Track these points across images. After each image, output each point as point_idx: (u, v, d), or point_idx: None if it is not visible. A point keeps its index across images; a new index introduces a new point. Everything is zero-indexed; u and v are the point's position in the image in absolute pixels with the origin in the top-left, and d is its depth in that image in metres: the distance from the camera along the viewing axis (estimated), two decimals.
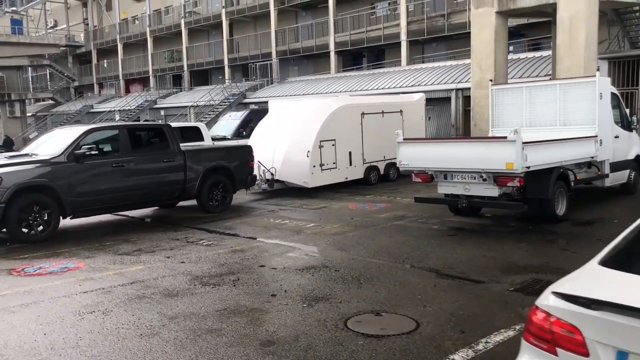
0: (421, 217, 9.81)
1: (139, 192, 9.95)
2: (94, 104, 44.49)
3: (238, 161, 11.63)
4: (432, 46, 29.14)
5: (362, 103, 14.53)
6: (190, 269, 6.81)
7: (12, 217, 8.46)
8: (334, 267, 6.73)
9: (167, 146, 10.53)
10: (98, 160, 9.42)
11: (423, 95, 16.47)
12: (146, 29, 43.23)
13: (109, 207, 9.77)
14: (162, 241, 8.60)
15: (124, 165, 9.74)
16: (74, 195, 9.06)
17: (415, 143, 9.22)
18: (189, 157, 10.68)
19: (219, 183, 11.20)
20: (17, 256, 7.79)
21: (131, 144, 10.06)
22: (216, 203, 11.18)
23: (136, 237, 8.99)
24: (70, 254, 7.83)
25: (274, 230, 9.19)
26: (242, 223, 10.03)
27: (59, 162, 8.99)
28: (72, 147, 9.18)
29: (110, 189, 9.53)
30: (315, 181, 13.03)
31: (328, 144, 13.23)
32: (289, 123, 13.64)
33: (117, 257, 7.60)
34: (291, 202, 12.29)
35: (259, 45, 34.86)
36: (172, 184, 10.45)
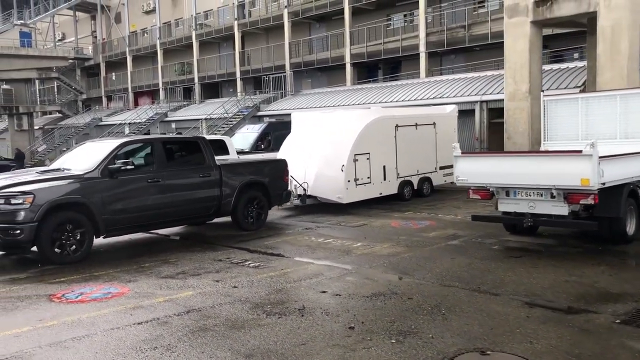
0: (475, 237, 9.22)
1: (174, 209, 9.39)
2: (103, 116, 44.14)
3: (273, 176, 11.08)
4: (451, 58, 28.74)
5: (396, 115, 14.01)
6: (247, 295, 6.22)
7: (45, 237, 7.89)
8: (405, 293, 6.14)
9: (203, 160, 9.99)
10: (133, 176, 8.88)
11: (455, 107, 15.96)
12: (156, 41, 43.00)
13: (143, 225, 9.20)
14: (204, 262, 8.01)
15: (159, 180, 9.19)
16: (108, 213, 8.50)
17: (476, 157, 8.67)
18: (225, 171, 10.13)
19: (254, 199, 10.64)
20: (53, 279, 7.20)
21: (166, 158, 9.53)
22: (251, 220, 10.61)
23: (174, 257, 8.41)
24: (110, 277, 7.24)
25: (320, 251, 8.60)
26: (283, 242, 9.44)
27: (92, 178, 8.43)
28: (106, 162, 8.64)
29: (145, 206, 8.97)
30: (350, 197, 12.46)
31: (362, 157, 12.67)
32: (320, 136, 13.11)
33: (161, 280, 7.02)
34: (326, 218, 11.71)
35: (272, 58, 34.50)
36: (207, 200, 9.89)
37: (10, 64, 43.63)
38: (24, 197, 7.75)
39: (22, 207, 7.73)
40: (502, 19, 24.45)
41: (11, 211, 7.73)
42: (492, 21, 24.53)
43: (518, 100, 15.62)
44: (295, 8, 32.78)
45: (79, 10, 51.25)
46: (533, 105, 15.62)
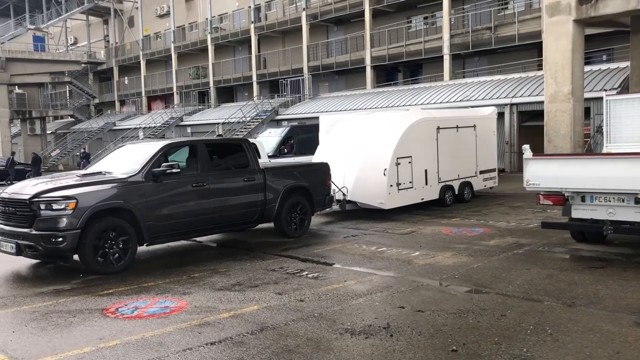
0: (540, 245, 8.62)
1: (218, 215, 8.85)
2: (116, 121, 43.80)
3: (316, 180, 10.54)
4: (474, 60, 28.21)
5: (437, 116, 13.45)
6: (319, 311, 5.66)
7: (88, 245, 7.36)
8: (494, 309, 5.57)
9: (247, 163, 9.46)
10: (177, 180, 8.35)
11: (495, 109, 15.37)
12: (170, 45, 42.70)
13: (187, 232, 8.65)
14: (257, 272, 7.46)
15: (204, 184, 8.66)
16: (152, 219, 7.97)
17: (550, 159, 8.10)
18: (269, 175, 9.59)
19: (297, 204, 10.09)
20: (100, 291, 6.67)
21: (210, 161, 9.00)
22: (294, 226, 10.07)
23: (223, 267, 7.87)
24: (161, 289, 6.71)
25: (377, 260, 8.03)
26: (333, 250, 8.89)
27: (136, 182, 7.91)
28: (150, 165, 8.12)
29: (190, 211, 8.43)
30: (392, 202, 11.89)
31: (405, 161, 12.12)
32: (359, 138, 12.55)
33: (218, 293, 6.47)
34: (370, 225, 11.15)
35: (290, 61, 34.06)
36: (252, 206, 9.34)
37: (23, 68, 43.44)
38: (67, 203, 7.24)
39: (64, 213, 7.22)
40: (530, 20, 24.06)
41: (53, 217, 7.23)
42: (520, 22, 24.01)
43: (559, 101, 15.03)
44: (314, 11, 32.36)
45: (92, 14, 51.12)
46: (575, 107, 15.06)
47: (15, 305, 6.14)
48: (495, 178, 15.13)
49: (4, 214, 7.66)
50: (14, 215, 7.47)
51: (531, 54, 25.52)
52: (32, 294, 6.63)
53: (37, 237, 7.20)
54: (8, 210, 7.55)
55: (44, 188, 7.48)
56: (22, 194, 7.49)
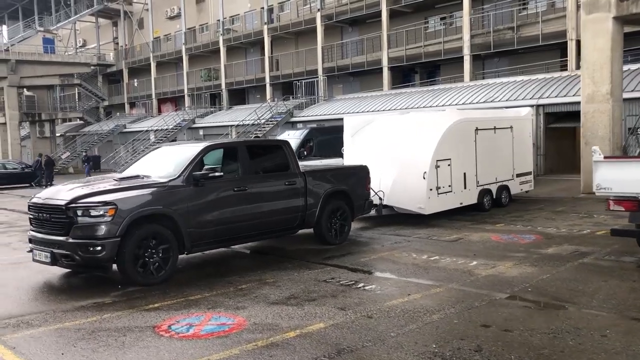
0: (606, 254, 8.05)
1: (260, 221, 8.33)
2: (127, 123, 43.41)
3: (356, 184, 10.01)
4: (494, 61, 27.64)
5: (476, 117, 12.93)
6: (395, 330, 5.10)
7: (128, 254, 6.86)
8: (591, 329, 5.01)
9: (287, 166, 8.95)
10: (219, 184, 7.85)
11: (530, 109, 14.85)
12: (181, 47, 42.27)
13: (228, 239, 8.13)
14: (308, 283, 6.94)
15: (246, 189, 8.14)
16: (193, 226, 7.46)
17: (624, 162, 7.54)
18: (310, 179, 9.07)
19: (337, 209, 9.57)
20: (145, 305, 6.15)
21: (251, 164, 8.50)
22: (334, 233, 9.54)
23: (270, 277, 7.34)
24: (210, 303, 6.18)
25: (434, 271, 7.49)
26: (381, 259, 8.35)
27: (177, 186, 7.41)
28: (190, 168, 7.61)
29: (232, 217, 7.92)
30: (431, 207, 11.35)
31: (444, 163, 11.58)
32: (394, 140, 12.02)
33: (275, 307, 5.94)
34: (411, 231, 10.61)
35: (304, 63, 33.56)
36: (293, 211, 8.82)
37: (33, 70, 43.15)
38: (106, 209, 6.73)
39: (103, 220, 6.71)
40: (553, 20, 23.50)
41: (90, 224, 6.72)
42: (543, 22, 23.44)
43: (598, 102, 14.47)
44: (329, 11, 31.88)
45: (101, 16, 50.81)
46: (614, 108, 14.50)
47: (57, 322, 5.62)
48: (531, 181, 14.58)
49: (38, 220, 7.17)
50: (49, 222, 6.98)
51: (554, 55, 24.96)
52: (72, 308, 6.11)
53: (74, 246, 6.70)
54: (42, 217, 7.05)
55: (80, 193, 6.98)
56: (57, 199, 6.99)
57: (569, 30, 22.40)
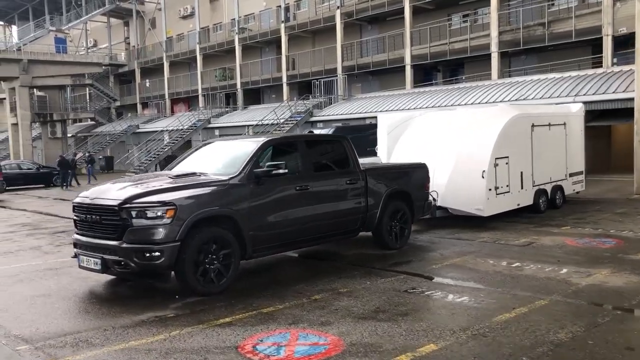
0: None
1: (321, 224, 7.58)
2: (140, 124, 42.76)
3: (416, 183, 9.26)
4: (521, 59, 26.82)
5: (532, 113, 12.15)
6: (528, 353, 4.36)
7: (188, 260, 6.12)
8: None
9: (347, 164, 8.19)
10: (280, 182, 7.11)
11: (582, 105, 14.05)
12: (194, 46, 41.59)
13: (290, 243, 7.37)
14: (388, 294, 6.17)
15: (308, 188, 7.40)
16: (254, 229, 6.71)
17: None
18: (370, 178, 8.32)
19: (398, 211, 8.80)
20: (214, 319, 5.38)
21: (312, 161, 7.76)
22: (394, 236, 8.77)
23: (341, 285, 6.58)
24: (288, 317, 5.41)
25: (523, 280, 6.68)
26: (454, 266, 7.57)
27: (238, 185, 6.67)
28: (251, 164, 6.88)
29: (294, 219, 7.18)
30: (490, 208, 10.57)
31: (502, 162, 10.80)
32: (446, 137, 11.26)
33: (365, 324, 5.16)
34: (471, 234, 9.82)
35: (323, 61, 32.80)
36: (354, 213, 8.06)
37: (45, 70, 42.59)
38: (164, 209, 5.99)
39: (161, 222, 5.97)
40: (587, 15, 22.64)
41: (147, 227, 5.98)
42: (577, 17, 22.62)
43: None
44: (349, 9, 31.11)
45: (113, 16, 50.26)
46: None
47: (121, 340, 4.87)
48: (583, 182, 13.77)
49: (86, 223, 6.43)
50: (99, 224, 6.24)
51: (584, 52, 24.14)
52: (132, 323, 5.37)
53: (129, 252, 5.96)
54: (91, 219, 6.31)
55: (134, 192, 6.23)
56: (108, 198, 6.25)
57: (605, 26, 21.56)
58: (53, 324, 5.36)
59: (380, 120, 14.28)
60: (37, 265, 8.31)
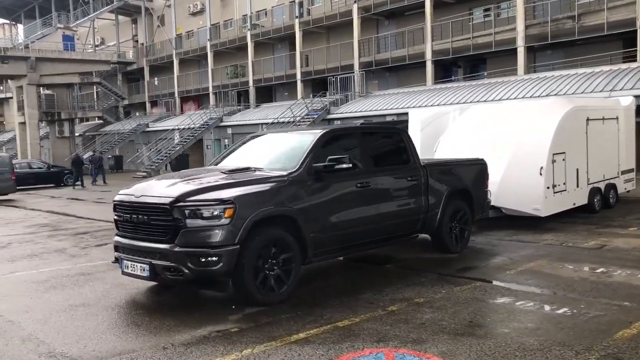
0: None
1: (382, 225, 6.84)
2: (149, 122, 42.10)
3: (476, 181, 8.52)
4: (547, 54, 26.02)
5: (586, 106, 11.38)
6: None
7: (248, 266, 5.40)
8: None
9: (407, 159, 7.45)
10: (340, 178, 6.37)
11: (633, 99, 13.25)
12: (204, 43, 40.94)
13: (350, 247, 6.63)
14: (474, 305, 5.42)
15: (369, 184, 6.68)
16: (315, 230, 5.97)
17: None
18: (431, 174, 7.59)
19: (458, 211, 8.06)
20: (287, 335, 4.65)
21: (372, 155, 7.03)
22: (455, 239, 8.03)
23: (413, 294, 5.84)
24: (371, 333, 4.67)
25: (619, 288, 5.91)
26: (531, 272, 6.79)
27: (297, 181, 5.94)
28: (310, 158, 6.15)
29: (356, 219, 6.44)
30: (548, 208, 9.80)
31: (559, 158, 10.03)
32: (496, 132, 10.52)
33: (467, 341, 4.42)
34: (532, 236, 9.05)
35: (339, 57, 32.05)
36: (415, 213, 7.32)
37: (53, 68, 41.96)
38: (222, 208, 5.26)
39: (219, 222, 5.24)
40: (620, 7, 21.80)
41: (203, 229, 5.25)
42: (609, 10, 21.82)
43: None
44: (366, 3, 30.35)
45: (121, 13, 49.62)
46: None
47: None
48: (634, 180, 12.99)
49: (130, 224, 5.71)
50: (147, 225, 5.51)
51: (614, 46, 23.33)
52: (193, 339, 4.64)
53: (182, 256, 5.23)
54: (137, 219, 5.58)
55: (187, 188, 5.50)
56: (158, 196, 5.53)
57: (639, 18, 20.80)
58: (102, 341, 4.64)
59: (412, 116, 13.58)
60: (67, 270, 7.59)
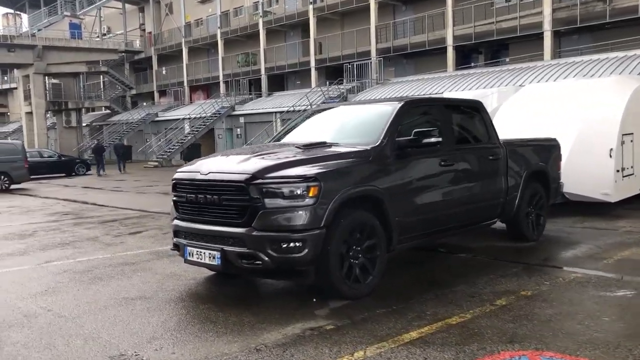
0: None
1: (465, 209, 6.09)
2: (158, 112, 41.31)
3: (552, 162, 7.78)
4: (573, 39, 25.15)
5: None
6: None
7: (334, 253, 4.68)
8: None
9: (487, 135, 6.72)
10: (423, 155, 5.63)
11: None
12: (214, 31, 40.04)
13: (431, 234, 5.88)
14: (589, 298, 4.72)
15: (452, 164, 5.94)
16: (399, 214, 5.25)
17: None
18: (510, 153, 6.85)
19: (534, 195, 7.33)
20: (396, 335, 3.92)
21: (453, 130, 6.28)
22: (532, 226, 7.29)
23: (515, 286, 5.11)
24: (497, 332, 3.96)
25: None
26: (627, 262, 6.07)
27: (379, 157, 5.20)
28: (392, 132, 5.41)
29: (439, 202, 5.72)
30: (618, 193, 9.04)
31: (627, 139, 9.28)
32: (558, 113, 9.74)
33: (617, 344, 3.74)
34: (607, 224, 8.27)
35: (354, 44, 31.18)
36: (495, 197, 6.58)
37: (60, 56, 41.13)
38: (306, 186, 4.53)
39: (302, 202, 4.51)
40: None
41: (284, 209, 4.53)
42: None
43: None
44: None
45: (128, 2, 48.67)
46: None
47: None
48: None
49: (196, 205, 4.95)
50: (217, 206, 4.77)
51: None
52: (287, 339, 3.90)
53: (262, 241, 4.50)
54: (205, 200, 4.85)
55: (266, 163, 4.75)
56: (230, 172, 4.78)
57: None
58: (179, 341, 3.92)
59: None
60: (107, 260, 6.88)
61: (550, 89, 10.94)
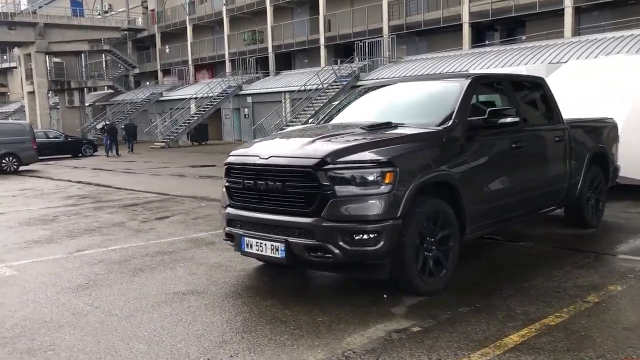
0: None
1: (534, 195, 5.66)
2: (163, 91, 40.61)
3: (610, 145, 7.31)
4: (593, 15, 24.45)
5: None
6: None
7: (409, 245, 4.24)
8: None
9: (551, 115, 6.25)
10: (495, 136, 5.17)
11: None
12: (221, 8, 39.08)
13: (501, 221, 5.41)
14: None
15: (523, 145, 5.47)
16: (472, 201, 4.80)
17: None
18: (574, 134, 6.38)
19: (594, 179, 6.87)
20: (501, 338, 3.51)
21: (523, 110, 5.79)
22: (592, 211, 6.86)
23: (599, 279, 4.71)
24: (584, 334, 3.58)
25: None
26: None
27: (451, 139, 4.74)
28: (463, 110, 4.93)
29: (511, 188, 5.26)
30: None
31: None
32: (607, 90, 9.24)
33: None
34: None
35: (366, 21, 30.40)
36: (560, 181, 6.12)
37: (61, 35, 40.27)
38: (381, 172, 4.08)
39: (377, 190, 4.06)
40: None
41: (357, 198, 4.08)
42: None
43: None
44: None
45: None
46: None
47: None
48: None
49: (255, 192, 4.48)
50: (280, 194, 4.32)
51: None
52: (374, 343, 3.46)
53: (333, 233, 4.05)
54: (267, 186, 4.38)
55: (336, 146, 4.26)
56: (295, 156, 4.30)
57: None
58: (252, 345, 3.48)
59: None
60: (142, 248, 6.45)
61: (597, 65, 10.41)
